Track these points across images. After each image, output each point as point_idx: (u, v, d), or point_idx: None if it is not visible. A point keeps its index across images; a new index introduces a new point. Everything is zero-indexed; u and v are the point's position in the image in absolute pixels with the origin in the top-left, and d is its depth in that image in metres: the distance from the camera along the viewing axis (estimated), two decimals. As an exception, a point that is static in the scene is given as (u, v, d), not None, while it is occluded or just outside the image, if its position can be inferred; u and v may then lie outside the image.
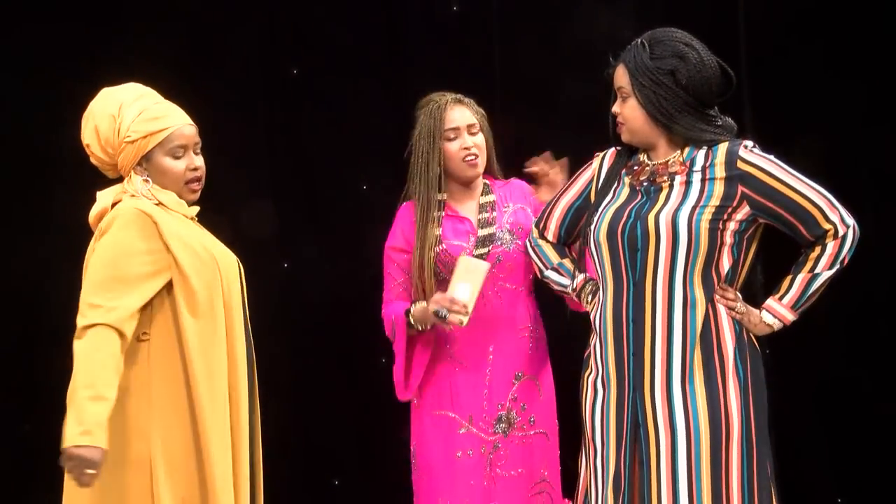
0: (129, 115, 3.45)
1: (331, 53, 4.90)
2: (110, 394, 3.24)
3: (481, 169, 3.96)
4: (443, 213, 3.98)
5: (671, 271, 3.47)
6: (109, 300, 3.29)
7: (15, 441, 4.87)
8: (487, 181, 4.03)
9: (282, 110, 4.94)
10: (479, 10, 4.95)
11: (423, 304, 3.87)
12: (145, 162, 3.44)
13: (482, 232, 3.93)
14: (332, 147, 4.84)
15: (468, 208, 3.98)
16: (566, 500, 3.99)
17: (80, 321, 3.26)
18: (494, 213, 3.96)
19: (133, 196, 3.46)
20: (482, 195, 3.99)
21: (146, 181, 3.45)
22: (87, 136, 3.46)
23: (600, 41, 4.19)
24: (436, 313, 3.77)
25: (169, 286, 3.35)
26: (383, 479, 4.64)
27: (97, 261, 3.34)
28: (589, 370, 3.62)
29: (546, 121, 4.81)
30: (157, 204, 3.46)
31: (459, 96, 4.00)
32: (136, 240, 3.37)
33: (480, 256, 3.91)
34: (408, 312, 3.88)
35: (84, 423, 3.21)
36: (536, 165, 3.95)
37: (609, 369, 3.54)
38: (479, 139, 3.96)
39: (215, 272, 3.41)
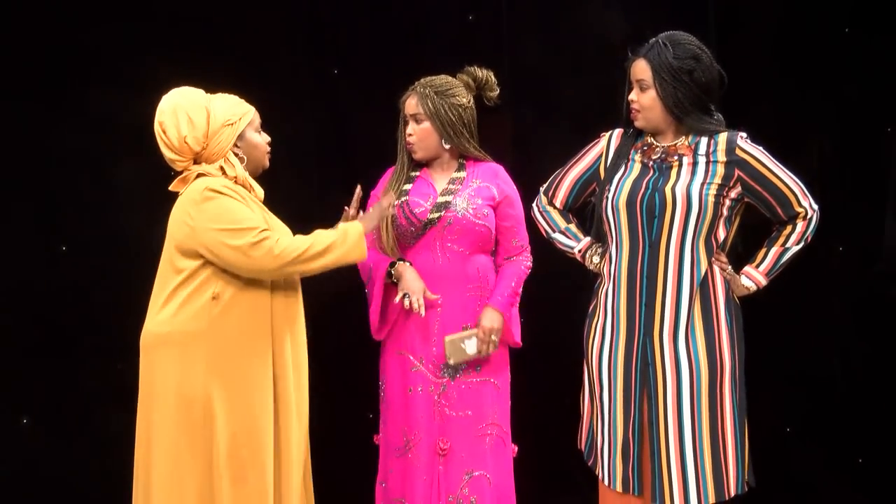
0: (219, 104, 3.63)
1: (365, 56, 5.07)
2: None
3: (419, 153, 4.11)
4: (417, 174, 4.16)
5: (683, 235, 3.73)
6: (252, 225, 3.55)
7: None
8: (463, 161, 4.17)
9: (325, 105, 5.07)
10: (491, 20, 5.12)
11: (408, 265, 4.06)
12: (240, 141, 3.66)
13: (441, 199, 4.10)
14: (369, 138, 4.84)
15: (441, 180, 4.15)
16: (514, 444, 4.22)
17: (261, 246, 3.50)
18: (459, 187, 4.11)
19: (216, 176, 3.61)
20: (455, 172, 4.16)
21: (242, 159, 3.66)
22: (184, 128, 3.57)
23: (599, 50, 4.40)
24: (405, 294, 4.01)
25: None
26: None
27: (225, 213, 3.53)
28: (597, 318, 3.87)
29: (549, 119, 5.06)
30: (238, 182, 3.64)
31: (419, 85, 4.13)
32: (237, 201, 3.58)
33: (434, 218, 4.06)
34: (392, 264, 4.07)
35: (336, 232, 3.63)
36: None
37: (620, 317, 3.79)
38: (421, 127, 4.10)
39: None
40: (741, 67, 4.72)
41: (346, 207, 3.90)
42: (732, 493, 3.76)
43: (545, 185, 4.05)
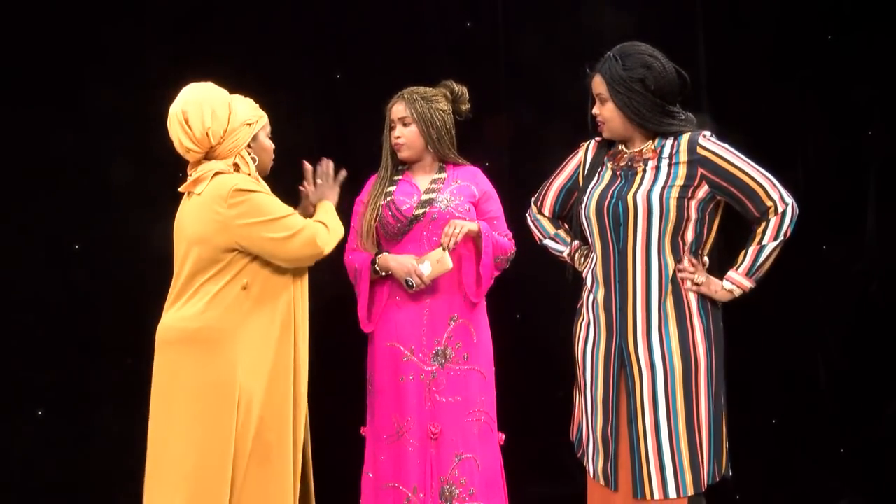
0: (240, 103, 3.74)
1: (366, 61, 5.16)
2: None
3: (406, 153, 4.30)
4: (400, 177, 4.31)
5: (647, 240, 3.76)
6: (287, 213, 3.69)
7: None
8: (443, 165, 4.34)
9: (327, 108, 5.15)
10: (488, 27, 5.24)
11: (387, 254, 4.20)
12: (253, 142, 3.75)
13: (425, 196, 4.26)
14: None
15: (423, 181, 4.32)
16: (500, 432, 4.33)
17: (303, 234, 3.66)
18: (441, 186, 4.28)
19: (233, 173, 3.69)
20: (436, 173, 4.33)
21: (254, 159, 3.75)
22: (208, 120, 3.65)
23: (595, 56, 4.19)
24: (406, 281, 4.14)
25: None
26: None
27: (260, 208, 3.64)
28: (582, 318, 3.92)
29: (546, 123, 5.13)
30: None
31: (406, 92, 4.30)
32: (269, 196, 3.70)
33: (420, 214, 4.22)
34: (374, 262, 4.20)
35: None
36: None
37: (599, 320, 3.84)
38: (408, 130, 4.28)
39: None
40: (729, 71, 5.13)
41: (303, 186, 4.00)
42: (706, 484, 3.81)
43: (535, 196, 4.13)
